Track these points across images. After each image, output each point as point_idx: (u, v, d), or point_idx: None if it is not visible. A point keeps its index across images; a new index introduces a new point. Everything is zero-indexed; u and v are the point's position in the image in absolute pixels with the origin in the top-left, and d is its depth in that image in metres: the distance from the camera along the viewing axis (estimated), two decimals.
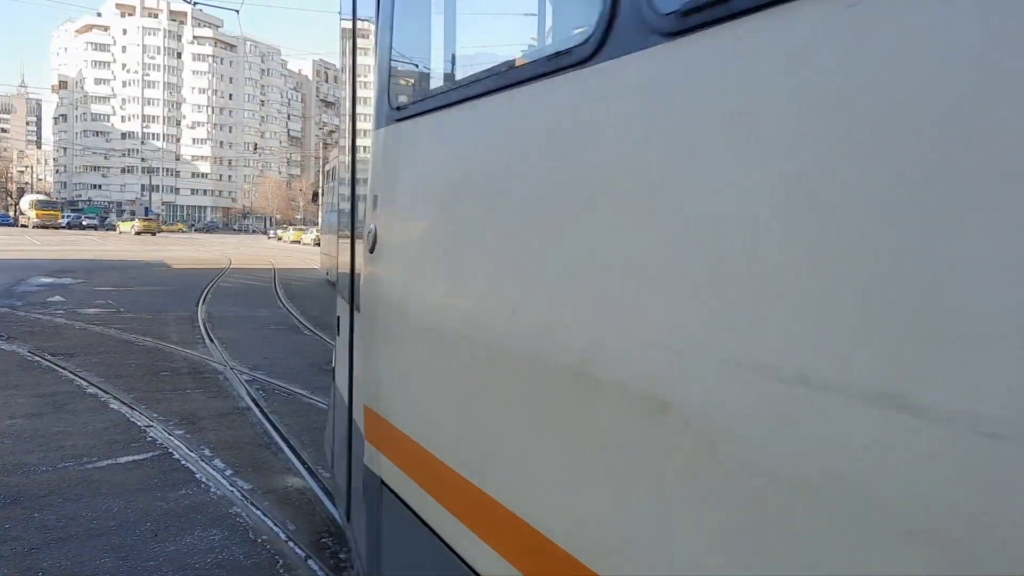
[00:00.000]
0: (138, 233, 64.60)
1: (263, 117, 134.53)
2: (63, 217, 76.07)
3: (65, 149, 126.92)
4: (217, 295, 17.33)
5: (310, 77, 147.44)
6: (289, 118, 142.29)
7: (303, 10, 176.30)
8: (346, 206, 3.22)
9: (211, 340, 10.79)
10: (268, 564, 3.87)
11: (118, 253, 34.15)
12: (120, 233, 66.15)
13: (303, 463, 5.45)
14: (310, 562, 3.89)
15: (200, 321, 12.63)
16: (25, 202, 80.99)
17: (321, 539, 4.19)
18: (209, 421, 6.52)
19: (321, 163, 35.40)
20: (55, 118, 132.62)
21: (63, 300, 14.87)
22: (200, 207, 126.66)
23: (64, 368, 8.37)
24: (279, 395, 7.63)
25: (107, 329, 11.35)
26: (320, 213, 27.22)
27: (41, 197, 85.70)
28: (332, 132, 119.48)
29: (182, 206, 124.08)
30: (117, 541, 4.05)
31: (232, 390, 7.80)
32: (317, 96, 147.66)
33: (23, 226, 70.82)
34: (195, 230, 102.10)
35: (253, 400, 7.31)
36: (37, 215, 71.76)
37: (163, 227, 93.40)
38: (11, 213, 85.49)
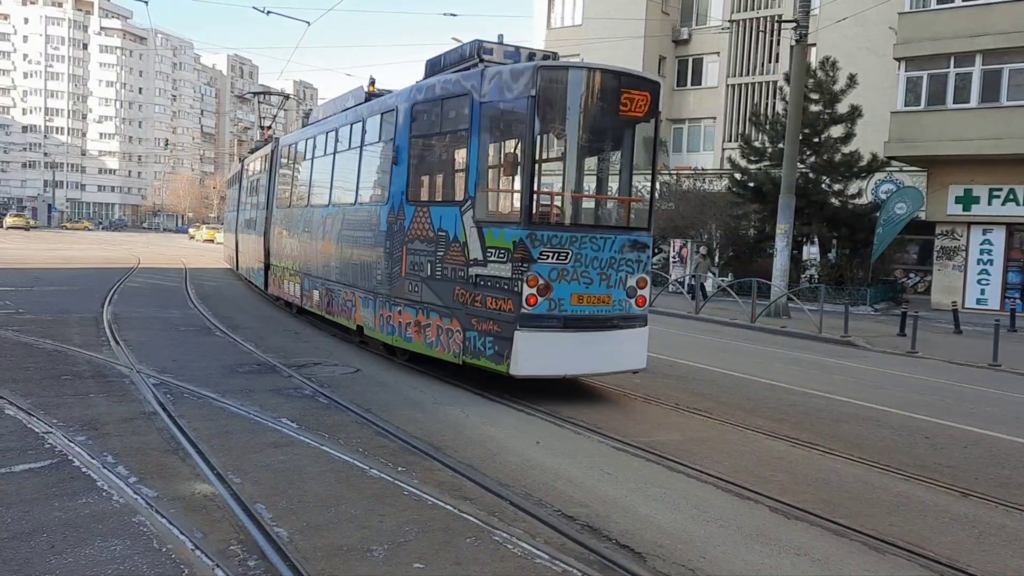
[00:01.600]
0: (8, 228, 65.50)
1: (175, 112, 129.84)
2: None
3: None
4: (124, 295, 16.70)
5: (225, 72, 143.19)
6: (203, 114, 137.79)
7: (217, 3, 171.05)
8: None
9: (117, 342, 10.38)
10: (173, 574, 3.74)
11: (18, 252, 32.51)
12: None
13: (212, 468, 5.29)
14: (218, 571, 3.78)
15: (105, 323, 12.14)
16: None
17: (230, 547, 4.07)
18: (113, 427, 6.27)
19: (237, 160, 35.72)
20: None
21: None
22: (108, 204, 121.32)
23: None
24: (188, 399, 7.40)
25: (3, 331, 10.79)
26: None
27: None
28: (247, 129, 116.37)
29: (88, 203, 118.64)
30: (10, 554, 3.85)
31: (138, 394, 7.52)
32: (232, 91, 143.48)
33: None
34: (102, 228, 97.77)
35: (160, 404, 7.07)
36: None
37: (67, 224, 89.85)
38: None
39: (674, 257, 27.66)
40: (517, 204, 8.55)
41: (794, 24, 19.91)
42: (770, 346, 14.80)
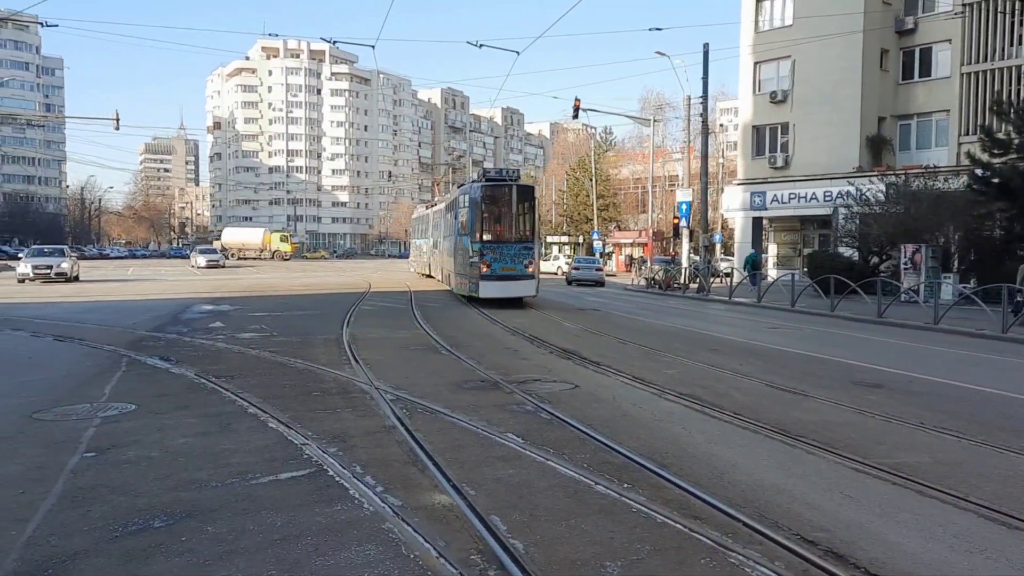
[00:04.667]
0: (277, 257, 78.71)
1: (396, 146, 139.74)
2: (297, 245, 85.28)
3: (220, 185, 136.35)
4: (360, 318, 18.06)
5: (439, 105, 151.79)
6: (420, 145, 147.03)
7: (433, 41, 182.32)
8: None
9: (356, 361, 11.25)
10: None
11: (270, 280, 36.21)
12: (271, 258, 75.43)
13: (448, 480, 5.57)
14: None
15: (345, 343, 13.19)
16: (246, 234, 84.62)
17: (470, 556, 4.26)
18: (359, 439, 6.79)
19: (452, 187, 39.43)
20: (210, 156, 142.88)
21: (223, 326, 15.93)
22: (340, 234, 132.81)
23: (227, 389, 8.96)
24: (422, 414, 7.86)
25: (262, 352, 12.05)
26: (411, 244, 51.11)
27: (278, 230, 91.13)
28: (460, 157, 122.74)
29: (324, 234, 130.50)
30: (282, 554, 4.27)
31: (378, 409, 8.10)
32: (445, 122, 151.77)
33: (254, 258, 76.86)
34: (335, 256, 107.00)
35: (398, 419, 7.56)
36: (292, 248, 79.24)
37: (307, 255, 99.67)
38: (176, 246, 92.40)
39: (905, 264, 25.53)
40: (479, 234, 21.22)
41: None
42: None
